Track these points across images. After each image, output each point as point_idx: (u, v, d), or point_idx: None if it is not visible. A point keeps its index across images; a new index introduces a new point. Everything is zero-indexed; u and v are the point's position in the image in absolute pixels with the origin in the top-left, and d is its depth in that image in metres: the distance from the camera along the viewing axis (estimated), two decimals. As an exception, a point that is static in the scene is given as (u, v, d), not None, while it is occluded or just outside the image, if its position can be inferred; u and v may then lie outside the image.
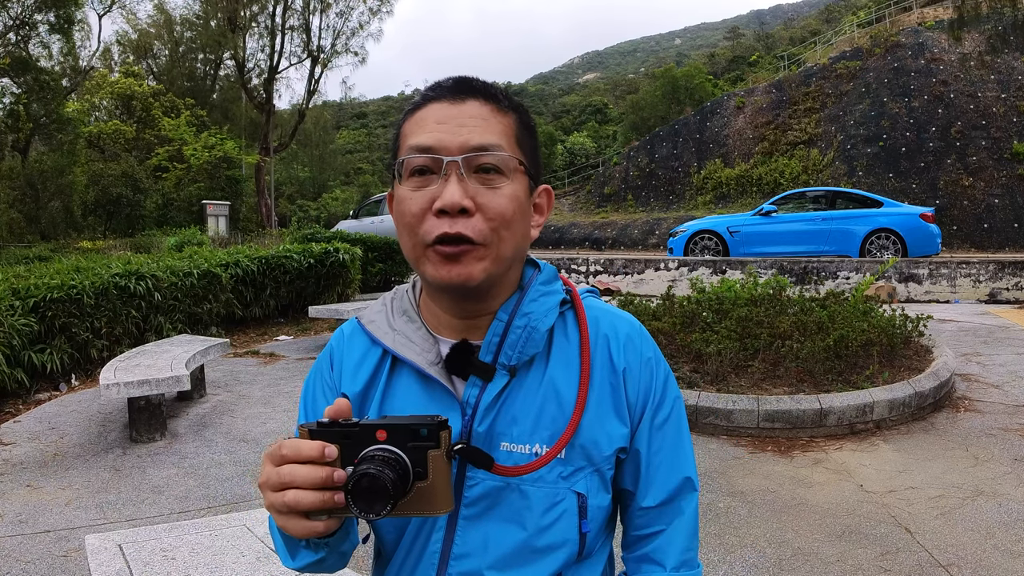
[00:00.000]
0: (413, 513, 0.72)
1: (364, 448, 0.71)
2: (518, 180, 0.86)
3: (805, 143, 24.44)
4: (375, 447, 0.71)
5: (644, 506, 0.93)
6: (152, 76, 37.89)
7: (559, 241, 26.85)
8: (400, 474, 0.69)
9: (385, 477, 0.68)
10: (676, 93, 42.26)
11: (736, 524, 3.27)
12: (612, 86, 79.69)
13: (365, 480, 0.68)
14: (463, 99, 0.85)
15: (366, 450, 0.71)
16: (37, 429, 4.95)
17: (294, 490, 0.70)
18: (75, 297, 6.23)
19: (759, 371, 4.97)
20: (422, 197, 0.83)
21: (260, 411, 5.37)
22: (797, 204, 13.55)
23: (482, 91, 0.87)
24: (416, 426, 0.72)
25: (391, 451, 0.71)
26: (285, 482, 0.70)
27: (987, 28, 17.67)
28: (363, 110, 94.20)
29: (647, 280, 12.20)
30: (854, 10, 41.42)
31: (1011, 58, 21.69)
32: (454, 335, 0.90)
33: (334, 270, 10.01)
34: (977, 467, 3.91)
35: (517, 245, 0.86)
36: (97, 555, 2.46)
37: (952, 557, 2.91)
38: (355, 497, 0.68)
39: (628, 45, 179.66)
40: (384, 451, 0.71)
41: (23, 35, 24.88)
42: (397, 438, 0.71)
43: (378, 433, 0.71)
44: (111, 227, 28.58)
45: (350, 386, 0.93)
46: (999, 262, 11.14)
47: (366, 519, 0.70)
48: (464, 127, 0.83)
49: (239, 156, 29.97)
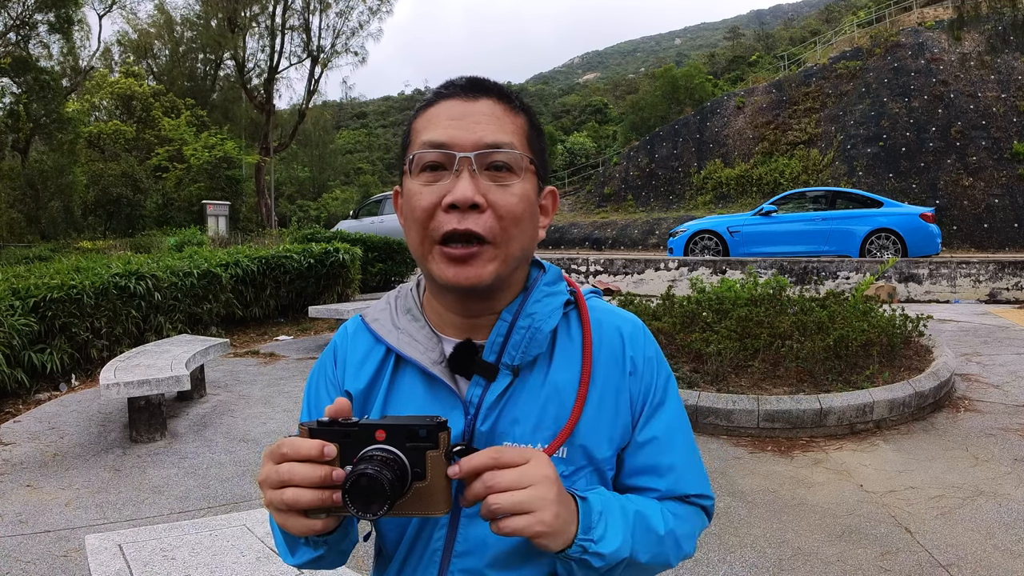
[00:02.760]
0: (411, 513, 0.72)
1: (363, 447, 0.71)
2: (528, 180, 0.86)
3: (805, 143, 24.45)
4: (374, 447, 0.71)
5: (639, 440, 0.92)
6: (152, 76, 37.92)
7: (559, 241, 26.86)
8: (398, 474, 0.69)
9: (383, 477, 0.68)
10: (676, 93, 42.27)
11: (736, 524, 3.27)
12: (612, 86, 79.80)
13: (363, 480, 0.68)
14: (476, 97, 0.86)
15: (365, 450, 0.71)
16: (37, 429, 4.95)
17: (293, 488, 0.70)
18: (75, 297, 6.23)
19: (759, 371, 4.97)
20: (433, 192, 0.83)
21: (260, 411, 5.37)
22: (797, 204, 13.55)
23: (495, 91, 0.88)
24: (415, 427, 0.72)
25: (389, 451, 0.71)
26: (284, 480, 0.71)
27: (987, 28, 17.67)
28: (363, 110, 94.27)
29: (647, 280, 12.20)
30: (854, 10, 41.44)
31: (1011, 58, 21.70)
32: (458, 334, 0.91)
33: (334, 270, 10.01)
34: (977, 467, 3.90)
35: (525, 245, 0.87)
36: (97, 555, 2.46)
37: (952, 557, 2.91)
38: (353, 497, 0.68)
39: (628, 45, 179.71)
40: (382, 451, 0.71)
41: (23, 35, 24.90)
42: (396, 438, 0.71)
43: (377, 433, 0.71)
44: (111, 227, 28.60)
45: (353, 383, 0.93)
46: (999, 262, 11.14)
47: (363, 519, 0.71)
48: (478, 124, 0.84)
49: (239, 156, 30.00)
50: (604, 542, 0.78)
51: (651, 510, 0.87)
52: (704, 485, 0.95)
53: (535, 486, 0.73)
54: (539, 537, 0.74)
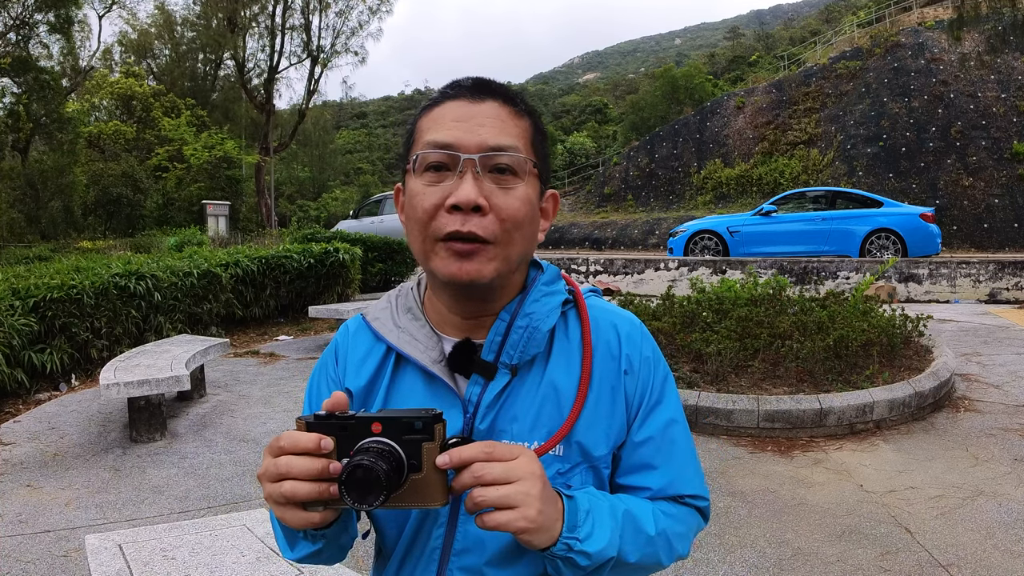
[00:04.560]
0: (408, 505, 0.73)
1: (360, 440, 0.72)
2: (531, 183, 0.87)
3: (805, 143, 24.45)
4: (370, 439, 0.72)
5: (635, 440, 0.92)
6: (152, 76, 37.93)
7: (559, 241, 26.87)
8: (394, 466, 0.70)
9: (379, 468, 0.68)
10: (676, 93, 42.28)
11: (736, 524, 3.27)
12: (612, 86, 79.81)
13: (359, 471, 0.69)
14: (482, 99, 0.86)
15: (361, 442, 0.72)
16: (37, 429, 4.95)
17: (290, 481, 0.71)
18: (75, 297, 6.23)
19: (759, 371, 4.97)
20: (436, 193, 0.83)
21: (260, 411, 5.37)
22: (797, 204, 13.55)
23: (500, 93, 0.88)
24: (411, 419, 0.73)
25: (385, 443, 0.72)
26: (282, 473, 0.71)
27: (987, 28, 17.66)
28: (363, 110, 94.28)
29: (647, 280, 12.20)
30: (854, 10, 41.45)
31: (1011, 58, 21.69)
32: (457, 333, 0.91)
33: (334, 270, 10.01)
34: (977, 467, 3.91)
35: (525, 247, 0.87)
36: (97, 555, 2.46)
37: (952, 557, 2.91)
38: (348, 488, 0.69)
39: (628, 45, 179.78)
40: (379, 443, 0.72)
41: (23, 35, 24.90)
42: (392, 431, 0.72)
43: (373, 426, 0.72)
44: (111, 227, 28.61)
45: (354, 381, 0.94)
46: (999, 262, 11.14)
47: (360, 510, 0.72)
48: (482, 127, 0.84)
49: (239, 156, 30.02)
50: (590, 541, 0.79)
51: (642, 510, 0.87)
52: (700, 486, 0.95)
53: (521, 481, 0.73)
54: (523, 533, 0.74)
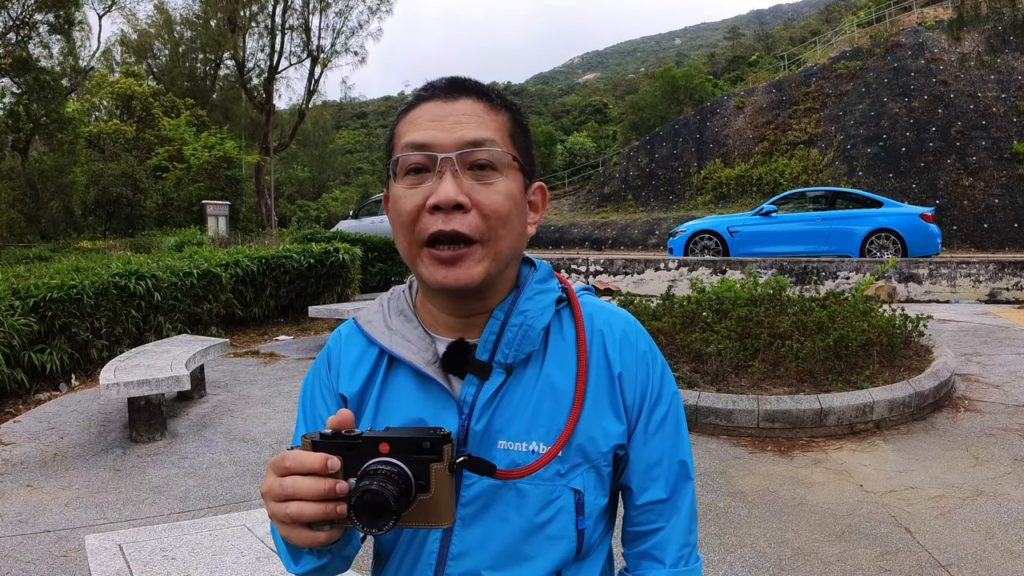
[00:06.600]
0: (416, 525, 0.72)
1: (367, 460, 0.71)
2: (512, 177, 0.86)
3: (805, 143, 24.44)
4: (377, 460, 0.71)
5: (643, 503, 0.93)
6: (152, 76, 37.93)
7: (559, 241, 26.86)
8: (402, 488, 0.69)
9: (387, 493, 0.67)
10: (676, 93, 42.27)
11: (736, 524, 3.27)
12: (612, 86, 79.78)
13: (367, 496, 0.67)
14: (456, 97, 0.86)
15: (368, 463, 0.70)
16: (37, 429, 4.95)
17: (297, 502, 0.70)
18: (75, 297, 6.23)
19: (759, 371, 4.97)
20: (417, 195, 0.83)
21: (260, 411, 5.37)
22: (797, 204, 13.55)
23: (475, 90, 0.88)
24: (419, 439, 0.71)
25: (394, 464, 0.70)
26: (288, 494, 0.70)
27: (987, 28, 17.65)
28: (363, 110, 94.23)
29: (647, 280, 12.20)
30: (854, 10, 41.44)
31: (1011, 58, 21.69)
32: (451, 334, 0.91)
33: (334, 270, 10.01)
34: (977, 467, 3.90)
35: (514, 242, 0.87)
36: (97, 555, 2.46)
37: (952, 557, 2.91)
38: (358, 513, 0.68)
39: (628, 45, 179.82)
40: (387, 464, 0.70)
41: (23, 35, 24.89)
42: (400, 451, 0.71)
43: (381, 446, 0.71)
44: (111, 227, 28.61)
45: (348, 386, 0.93)
46: (999, 262, 11.14)
47: (370, 534, 0.70)
48: (458, 124, 0.84)
49: (239, 156, 30.02)
50: None
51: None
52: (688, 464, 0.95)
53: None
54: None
